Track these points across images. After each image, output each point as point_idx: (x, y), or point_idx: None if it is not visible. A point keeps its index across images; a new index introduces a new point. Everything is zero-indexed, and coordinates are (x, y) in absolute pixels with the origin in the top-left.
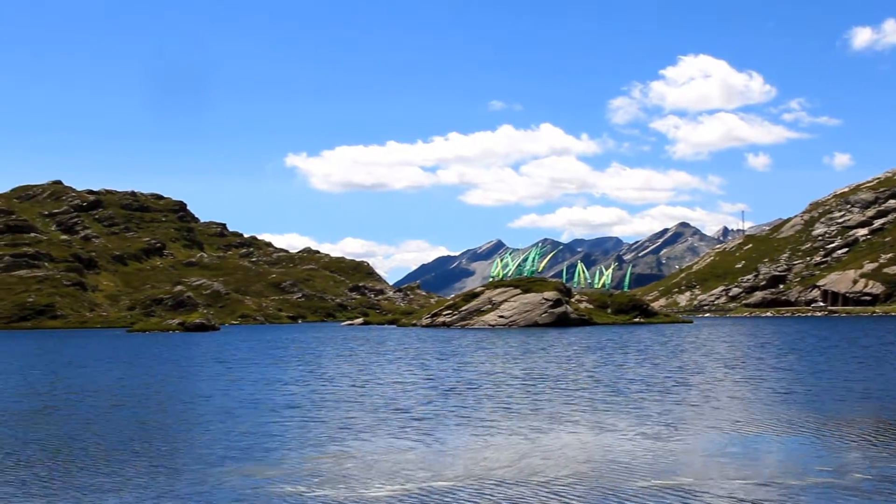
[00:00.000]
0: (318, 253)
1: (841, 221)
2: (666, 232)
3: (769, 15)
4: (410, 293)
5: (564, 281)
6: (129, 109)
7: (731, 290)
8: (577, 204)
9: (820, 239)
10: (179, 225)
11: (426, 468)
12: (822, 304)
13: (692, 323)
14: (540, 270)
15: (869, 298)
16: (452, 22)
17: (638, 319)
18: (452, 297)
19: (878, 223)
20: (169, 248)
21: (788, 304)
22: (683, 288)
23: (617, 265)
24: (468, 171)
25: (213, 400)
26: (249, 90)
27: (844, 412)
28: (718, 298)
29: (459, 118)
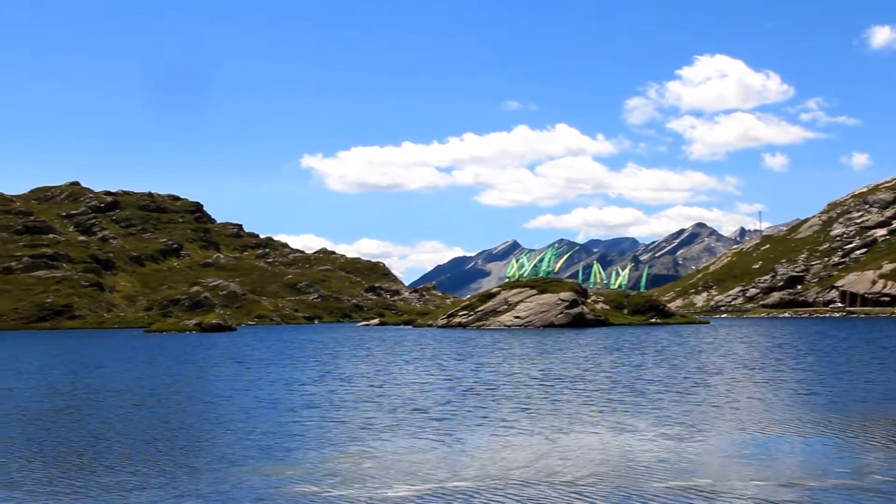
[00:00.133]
0: (333, 254)
1: (859, 222)
2: (682, 232)
3: (786, 14)
4: (426, 294)
5: (580, 282)
6: (145, 111)
7: (748, 290)
8: (592, 204)
9: (838, 239)
10: (196, 226)
11: (445, 468)
12: (840, 304)
13: (709, 324)
14: (556, 271)
15: (888, 299)
16: (468, 22)
17: (654, 320)
18: (468, 297)
19: None
20: (186, 248)
21: (806, 304)
22: (700, 288)
23: (633, 266)
24: (484, 171)
25: (232, 400)
26: (265, 91)
27: (865, 413)
28: (735, 299)
29: (475, 119)
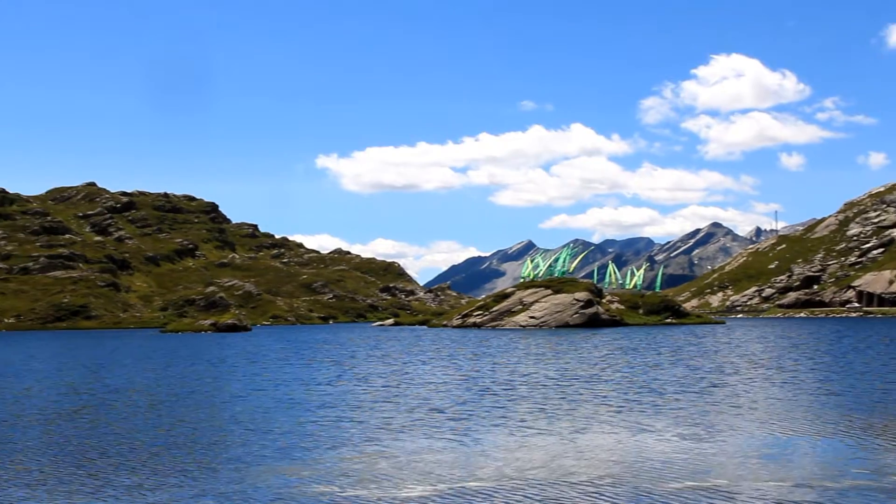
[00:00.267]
0: (348, 254)
1: (876, 221)
2: (698, 232)
3: (803, 13)
4: (441, 294)
5: (595, 282)
6: (161, 112)
7: (764, 290)
8: (608, 204)
9: (855, 239)
10: (211, 226)
11: (462, 468)
12: (857, 304)
13: (725, 324)
14: (571, 271)
15: None
16: (483, 22)
17: (670, 320)
18: (483, 297)
19: None
20: (201, 249)
21: (822, 304)
22: (716, 288)
23: (648, 266)
24: (498, 171)
25: (249, 400)
26: (280, 92)
27: (884, 414)
28: (751, 299)
29: (490, 119)
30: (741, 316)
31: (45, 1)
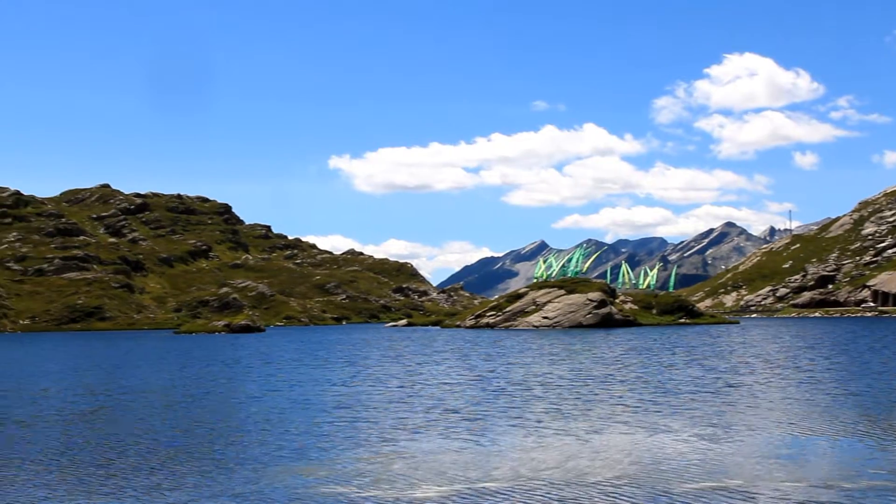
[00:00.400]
0: (361, 254)
1: (891, 220)
2: (711, 232)
3: (816, 12)
4: (454, 294)
5: (609, 282)
6: (174, 113)
7: (778, 290)
8: (620, 204)
9: (870, 238)
10: (225, 227)
11: (477, 469)
12: (872, 304)
13: (739, 324)
14: (584, 271)
15: None
16: (495, 22)
17: (683, 320)
18: (496, 298)
19: None
20: (214, 250)
21: (837, 304)
22: (730, 288)
23: (662, 266)
24: (511, 171)
25: (263, 400)
26: (293, 93)
27: None
28: (765, 299)
29: (502, 119)
30: (755, 316)
31: (57, 1)
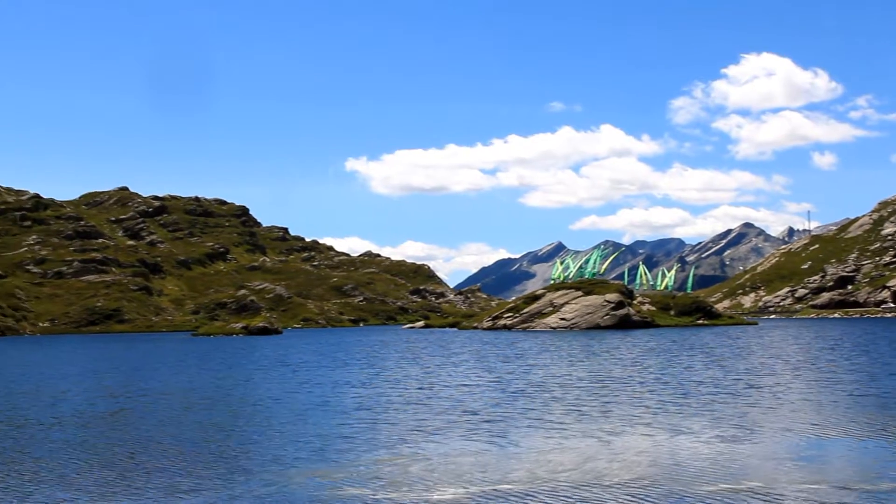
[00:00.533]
0: (378, 256)
1: None
2: (729, 233)
3: (834, 11)
4: (471, 296)
5: (626, 283)
6: (192, 116)
7: (796, 291)
8: (638, 205)
9: (889, 238)
10: (242, 230)
11: (497, 470)
12: (892, 305)
13: (757, 325)
14: (601, 272)
15: None
16: (512, 23)
17: (701, 321)
18: (513, 299)
19: None
20: (232, 252)
21: (857, 305)
22: (748, 289)
23: (679, 267)
24: (528, 173)
25: (282, 402)
26: (309, 96)
27: None
28: (784, 300)
29: (519, 120)
30: (774, 317)
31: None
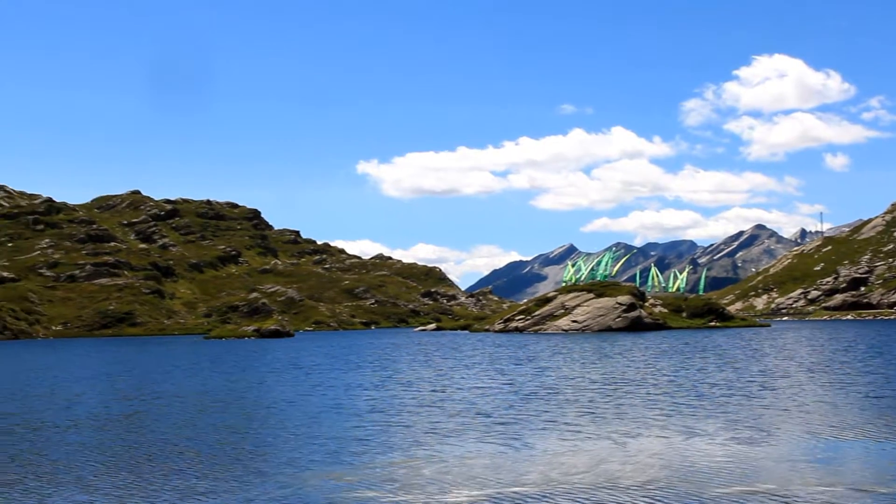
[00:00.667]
0: (390, 259)
1: None
2: (741, 234)
3: (846, 12)
4: (483, 298)
5: (638, 285)
6: (203, 119)
7: (809, 292)
8: (649, 207)
9: None
10: (254, 233)
11: (510, 473)
12: None
13: (770, 326)
14: (613, 275)
15: None
16: (522, 26)
17: (714, 323)
18: (525, 302)
19: None
20: (244, 255)
21: (870, 307)
22: (760, 291)
23: (691, 268)
24: (539, 175)
25: (296, 405)
26: (320, 99)
27: None
28: (797, 302)
29: (530, 122)
30: (786, 318)
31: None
